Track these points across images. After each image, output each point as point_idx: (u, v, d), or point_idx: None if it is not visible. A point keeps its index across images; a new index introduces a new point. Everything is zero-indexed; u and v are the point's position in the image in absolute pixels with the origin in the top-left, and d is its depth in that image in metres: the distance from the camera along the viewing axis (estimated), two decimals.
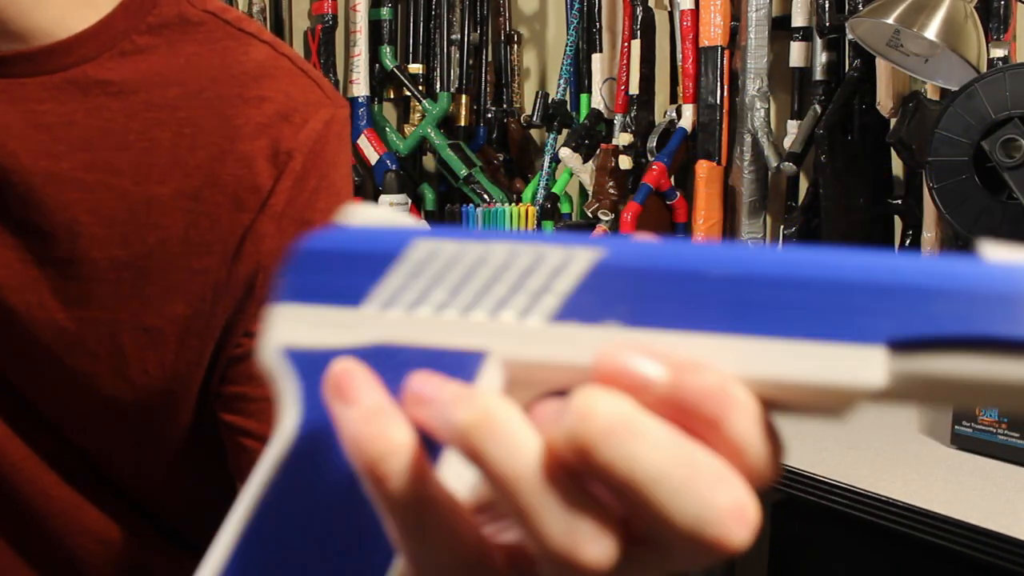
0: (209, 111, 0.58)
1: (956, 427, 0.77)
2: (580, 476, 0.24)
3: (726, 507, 0.23)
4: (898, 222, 1.44)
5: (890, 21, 1.02)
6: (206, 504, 0.64)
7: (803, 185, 1.52)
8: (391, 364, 0.27)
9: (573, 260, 0.27)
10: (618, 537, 0.24)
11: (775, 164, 1.50)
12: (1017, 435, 0.74)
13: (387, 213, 0.30)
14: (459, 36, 1.99)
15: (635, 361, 0.24)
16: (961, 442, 0.77)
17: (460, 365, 0.27)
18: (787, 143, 1.49)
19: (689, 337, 0.25)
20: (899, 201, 1.40)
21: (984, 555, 0.63)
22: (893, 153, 1.42)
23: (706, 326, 0.25)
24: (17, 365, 0.58)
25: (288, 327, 0.29)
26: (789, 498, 0.88)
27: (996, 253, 0.25)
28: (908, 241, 1.40)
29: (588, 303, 0.26)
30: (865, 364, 0.25)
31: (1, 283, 0.55)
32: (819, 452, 0.78)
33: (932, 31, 0.99)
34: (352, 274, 0.29)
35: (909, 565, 1.02)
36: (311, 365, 0.28)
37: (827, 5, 1.41)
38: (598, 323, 0.26)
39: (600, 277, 0.26)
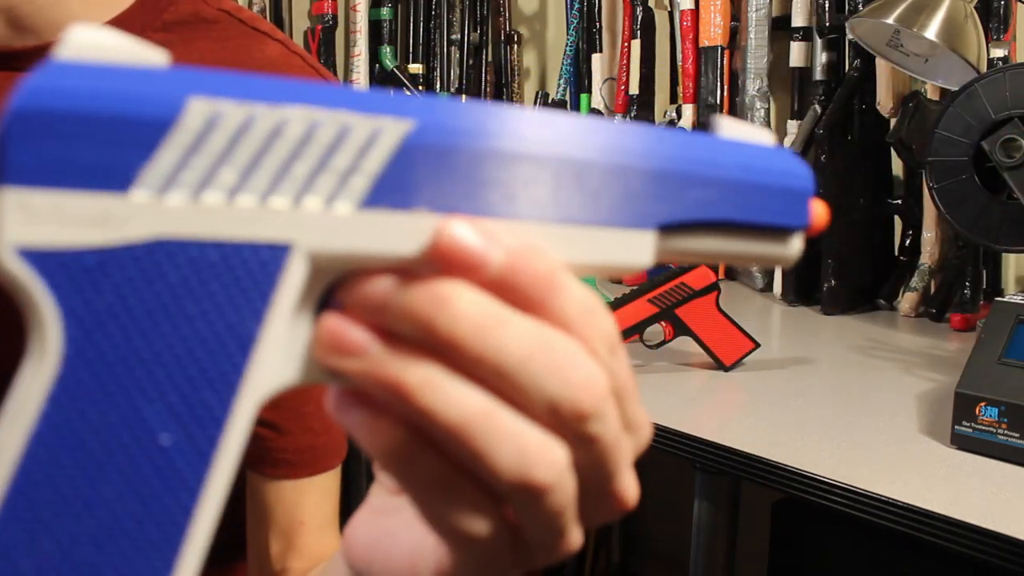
0: None
1: (956, 427, 0.77)
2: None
3: (580, 381, 0.25)
4: (898, 222, 1.44)
5: (890, 21, 1.02)
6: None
7: None
8: (176, 263, 0.22)
9: (381, 134, 0.24)
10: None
11: None
12: (1017, 435, 0.74)
13: (117, 41, 0.23)
14: (459, 36, 1.99)
15: (476, 243, 0.24)
16: (961, 442, 0.77)
17: (261, 261, 0.23)
18: (787, 143, 1.49)
19: (499, 223, 0.25)
20: (899, 201, 1.40)
21: (984, 555, 0.63)
22: (893, 153, 1.42)
23: (513, 212, 0.26)
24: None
25: (26, 222, 0.21)
26: (789, 498, 0.88)
27: (731, 129, 0.29)
28: (908, 241, 1.40)
29: (398, 184, 0.24)
30: (640, 248, 0.27)
31: None
32: (819, 452, 0.77)
33: (932, 31, 0.99)
34: (111, 147, 0.22)
35: (909, 565, 1.02)
36: (67, 270, 0.22)
37: (827, 5, 1.41)
38: (410, 209, 0.24)
39: (410, 154, 0.24)
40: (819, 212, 0.30)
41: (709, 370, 1.03)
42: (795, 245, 0.30)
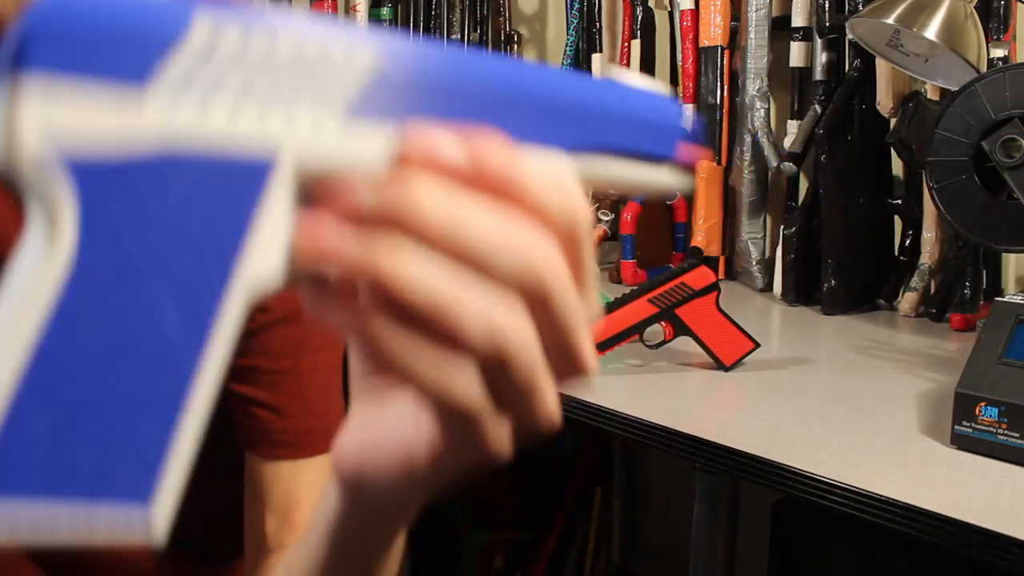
0: None
1: (956, 427, 0.77)
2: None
3: (538, 256, 0.28)
4: (898, 222, 1.44)
5: (890, 21, 1.02)
6: (213, 502, 0.68)
7: (803, 185, 1.52)
8: (180, 171, 0.25)
9: (357, 58, 0.28)
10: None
11: (775, 164, 1.50)
12: (1017, 435, 0.74)
13: None
14: (459, 36, 1.99)
15: (440, 139, 0.28)
16: (961, 442, 0.77)
17: (255, 169, 0.27)
18: (787, 143, 1.49)
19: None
20: (899, 201, 1.40)
21: (984, 555, 0.63)
22: (893, 153, 1.42)
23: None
24: None
25: (56, 107, 0.23)
26: (789, 498, 0.88)
27: (628, 78, 0.36)
28: (908, 241, 1.40)
29: (375, 104, 0.28)
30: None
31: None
32: (819, 452, 0.77)
33: (932, 31, 0.99)
34: (126, 53, 0.24)
35: (909, 565, 1.02)
36: (83, 167, 0.24)
37: (827, 5, 1.41)
38: (383, 125, 0.28)
39: (383, 79, 0.28)
40: (690, 150, 0.37)
41: (709, 370, 1.03)
42: (666, 173, 0.37)
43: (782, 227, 1.42)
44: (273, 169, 0.27)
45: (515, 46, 2.03)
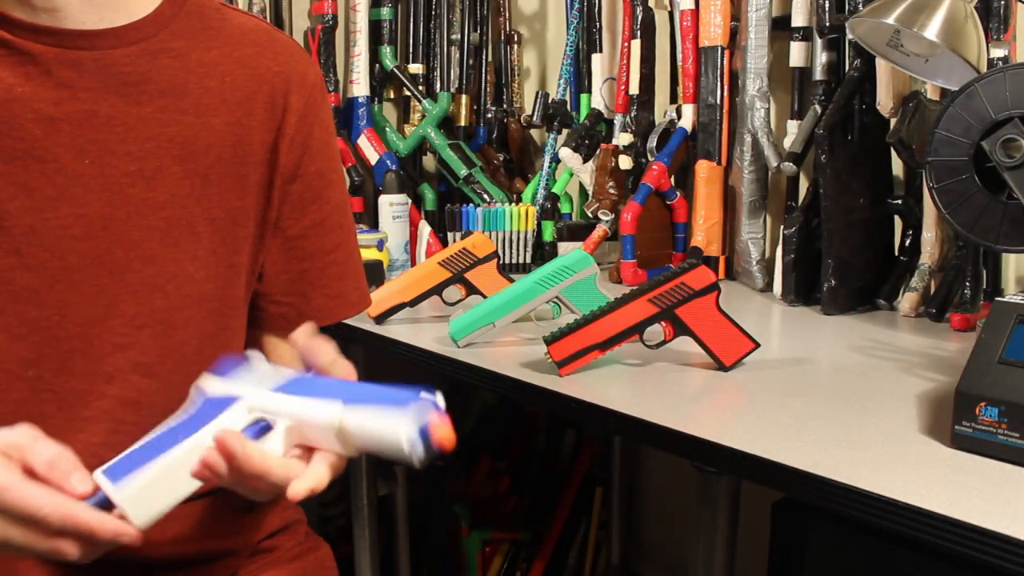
0: (240, 64, 0.83)
1: (956, 427, 0.77)
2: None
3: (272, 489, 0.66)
4: (898, 222, 1.44)
5: (890, 21, 1.02)
6: None
7: (803, 185, 1.52)
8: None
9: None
10: None
11: (775, 164, 1.50)
12: (1017, 435, 0.74)
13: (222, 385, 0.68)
14: (459, 36, 1.99)
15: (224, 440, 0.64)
16: (961, 442, 0.77)
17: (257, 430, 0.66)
18: (787, 143, 1.49)
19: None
20: (899, 201, 1.40)
21: (984, 555, 0.63)
22: (893, 153, 1.42)
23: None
24: (129, 259, 0.78)
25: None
26: (789, 498, 0.88)
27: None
28: (908, 241, 1.40)
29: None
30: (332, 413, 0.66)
31: (108, 198, 0.77)
32: (819, 452, 0.77)
33: (932, 31, 0.99)
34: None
35: (909, 565, 1.02)
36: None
37: (827, 5, 1.41)
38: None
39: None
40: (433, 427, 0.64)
41: (709, 370, 1.03)
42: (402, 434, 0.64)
43: (782, 227, 1.42)
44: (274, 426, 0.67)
45: (515, 46, 2.03)
